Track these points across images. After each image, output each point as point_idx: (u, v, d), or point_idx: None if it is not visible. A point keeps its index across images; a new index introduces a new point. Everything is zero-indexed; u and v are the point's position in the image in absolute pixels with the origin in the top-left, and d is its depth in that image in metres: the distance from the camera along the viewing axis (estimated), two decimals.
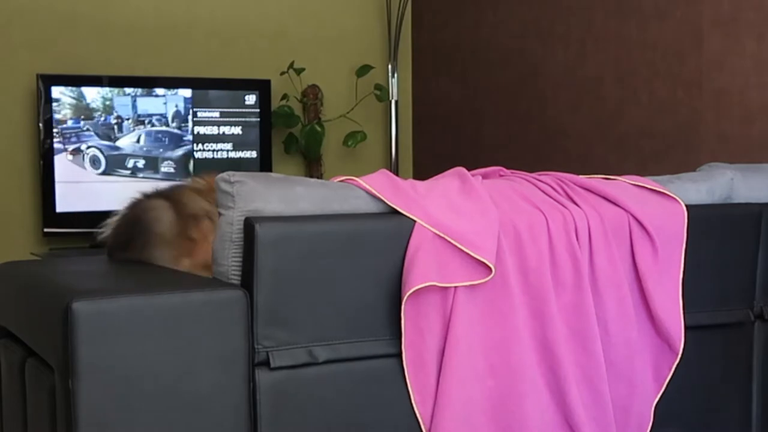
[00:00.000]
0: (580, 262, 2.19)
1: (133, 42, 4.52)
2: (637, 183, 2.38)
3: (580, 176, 2.42)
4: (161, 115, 4.39)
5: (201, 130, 4.46)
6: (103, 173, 4.29)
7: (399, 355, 2.07)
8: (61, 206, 4.20)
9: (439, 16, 4.93)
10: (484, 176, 2.40)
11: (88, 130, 4.25)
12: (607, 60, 3.94)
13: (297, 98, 4.79)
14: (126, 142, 4.33)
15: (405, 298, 2.03)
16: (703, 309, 2.40)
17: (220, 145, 4.50)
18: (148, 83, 4.38)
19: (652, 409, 2.30)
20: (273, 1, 4.85)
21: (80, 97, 4.24)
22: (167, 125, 4.40)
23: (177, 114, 4.42)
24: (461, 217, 2.11)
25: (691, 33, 3.56)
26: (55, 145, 4.18)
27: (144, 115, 4.36)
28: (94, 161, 4.27)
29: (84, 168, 4.25)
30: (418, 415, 2.08)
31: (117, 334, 1.83)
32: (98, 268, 2.35)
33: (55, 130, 4.18)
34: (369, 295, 2.06)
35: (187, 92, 4.43)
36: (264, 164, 4.57)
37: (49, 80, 4.18)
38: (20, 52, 4.31)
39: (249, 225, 1.97)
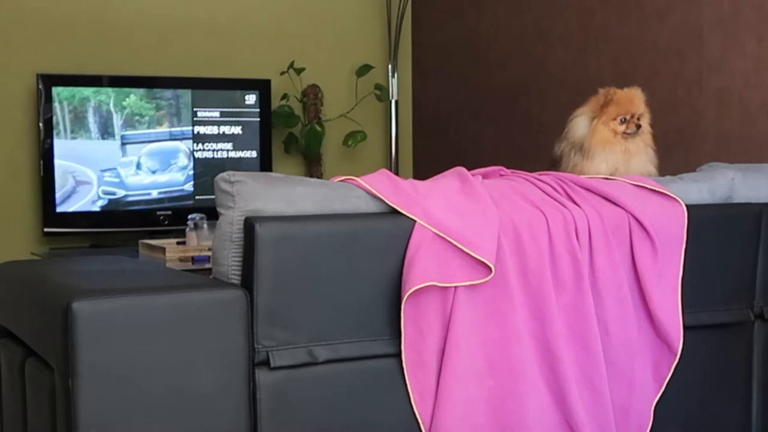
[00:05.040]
0: (580, 262, 2.19)
1: (133, 42, 4.52)
2: (637, 183, 2.38)
3: (581, 176, 2.42)
4: (161, 114, 4.39)
5: (201, 129, 4.46)
6: (103, 172, 4.29)
7: (399, 355, 2.07)
8: (61, 206, 4.20)
9: (439, 16, 4.93)
10: (484, 176, 2.40)
11: (87, 129, 4.25)
12: (607, 60, 3.93)
13: (297, 98, 4.78)
14: (126, 143, 4.33)
15: (405, 297, 2.03)
16: (703, 309, 2.40)
17: (220, 145, 4.50)
18: (148, 83, 4.38)
19: (652, 409, 2.30)
20: (273, 1, 4.84)
21: (80, 97, 4.24)
22: (167, 125, 4.40)
23: (177, 114, 4.41)
24: (461, 216, 2.11)
25: (691, 33, 3.56)
26: (56, 145, 4.18)
27: (144, 115, 4.36)
28: (95, 161, 4.27)
29: (84, 168, 4.25)
30: (417, 415, 2.08)
31: (117, 334, 1.83)
32: (98, 268, 2.35)
33: (55, 130, 4.18)
34: (369, 295, 2.06)
35: (187, 92, 4.43)
36: (264, 164, 4.57)
37: (49, 80, 4.18)
38: (20, 52, 4.31)
39: (249, 225, 1.97)
